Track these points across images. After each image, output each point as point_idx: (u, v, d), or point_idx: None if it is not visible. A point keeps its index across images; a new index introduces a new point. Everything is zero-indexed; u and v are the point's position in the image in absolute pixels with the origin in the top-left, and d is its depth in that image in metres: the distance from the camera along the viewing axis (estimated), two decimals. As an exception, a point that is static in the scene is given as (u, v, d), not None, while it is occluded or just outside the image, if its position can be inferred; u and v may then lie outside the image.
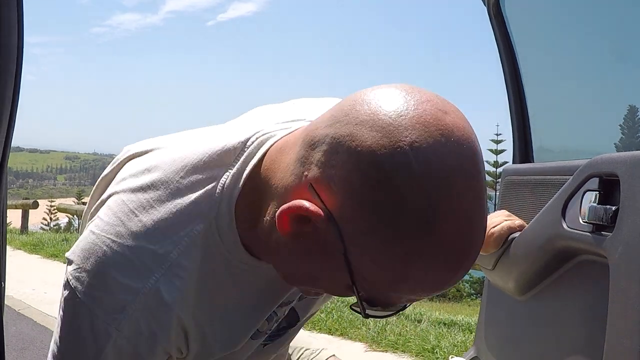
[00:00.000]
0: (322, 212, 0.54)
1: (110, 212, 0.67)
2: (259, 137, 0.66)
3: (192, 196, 0.65)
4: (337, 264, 0.55)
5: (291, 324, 0.86)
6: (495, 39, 1.50)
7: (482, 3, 1.53)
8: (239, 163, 0.65)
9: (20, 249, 7.85)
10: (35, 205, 10.57)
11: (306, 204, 0.54)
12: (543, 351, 1.08)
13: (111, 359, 0.64)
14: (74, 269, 0.66)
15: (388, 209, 0.50)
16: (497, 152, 27.65)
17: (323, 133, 0.55)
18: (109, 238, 0.65)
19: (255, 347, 0.81)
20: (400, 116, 0.52)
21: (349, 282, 0.56)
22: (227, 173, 0.65)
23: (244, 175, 0.64)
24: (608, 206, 0.84)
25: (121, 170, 0.75)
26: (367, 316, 0.61)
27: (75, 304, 0.65)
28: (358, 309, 0.60)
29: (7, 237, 0.90)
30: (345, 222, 0.53)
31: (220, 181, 0.65)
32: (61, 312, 0.67)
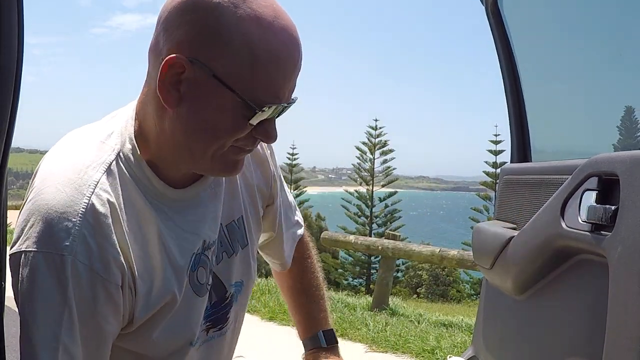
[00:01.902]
0: (181, 61, 0.70)
1: (36, 181, 0.77)
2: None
3: (97, 148, 0.79)
4: (218, 92, 0.71)
5: (221, 297, 0.93)
6: (493, 38, 1.50)
7: (480, 2, 1.53)
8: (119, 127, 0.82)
9: (20, 250, 7.83)
10: (36, 206, 10.55)
11: (167, 65, 0.71)
12: (541, 350, 1.08)
13: (76, 292, 0.70)
14: (20, 238, 0.72)
15: (215, 26, 0.70)
16: (496, 153, 27.66)
17: (154, 38, 0.75)
18: (37, 195, 0.74)
19: (201, 311, 0.87)
20: None
21: (235, 97, 0.71)
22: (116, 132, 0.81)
23: (130, 123, 0.81)
24: (607, 206, 0.84)
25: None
26: (268, 114, 0.74)
27: (26, 261, 0.70)
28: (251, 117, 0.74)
29: (7, 237, 0.90)
30: (199, 55, 0.70)
31: (115, 132, 0.81)
32: (20, 282, 0.71)
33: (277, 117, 0.77)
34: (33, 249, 0.70)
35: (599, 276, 0.87)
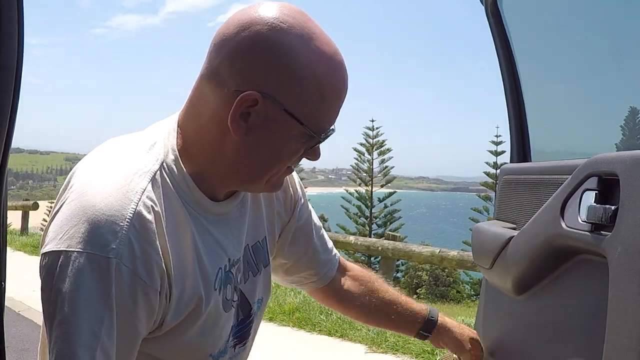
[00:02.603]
0: (255, 97, 0.75)
1: (77, 183, 0.79)
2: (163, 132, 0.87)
3: (142, 157, 0.82)
4: (285, 123, 0.77)
5: (247, 314, 0.98)
6: (493, 38, 1.50)
7: (480, 2, 1.53)
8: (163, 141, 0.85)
9: (20, 250, 7.85)
10: (35, 207, 10.56)
11: (243, 99, 0.75)
12: (541, 351, 1.08)
13: (118, 294, 0.71)
14: (59, 237, 0.72)
15: (287, 62, 0.75)
16: (496, 154, 27.68)
17: (216, 64, 0.77)
18: (81, 197, 0.75)
19: (228, 325, 0.91)
20: (254, 12, 0.77)
21: (301, 127, 0.78)
22: (159, 143, 0.84)
23: (173, 136, 0.84)
24: (607, 206, 0.84)
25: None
26: (324, 139, 0.82)
27: (67, 260, 0.71)
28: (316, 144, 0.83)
29: (7, 238, 0.90)
30: (271, 90, 0.75)
31: (158, 143, 0.84)
32: (58, 280, 0.71)
33: None
34: (77, 249, 0.71)
35: (599, 276, 0.87)
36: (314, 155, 0.84)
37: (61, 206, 0.77)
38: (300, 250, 1.12)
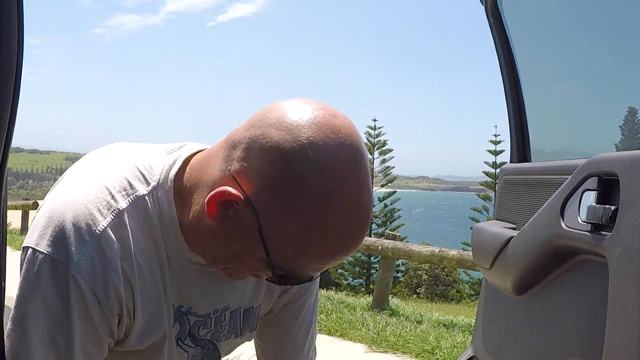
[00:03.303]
0: (241, 196, 0.68)
1: (65, 181, 0.79)
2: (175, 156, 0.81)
3: (136, 174, 0.79)
4: (254, 241, 0.69)
5: None
6: (493, 38, 1.50)
7: (480, 2, 1.53)
8: (167, 167, 0.80)
9: (20, 250, 7.84)
10: (35, 206, 10.56)
11: (229, 189, 0.68)
12: (541, 351, 1.08)
13: (74, 302, 0.71)
14: (35, 234, 0.73)
15: (291, 191, 0.66)
16: (495, 153, 27.68)
17: (242, 135, 0.70)
18: (62, 196, 0.75)
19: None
20: (301, 118, 0.68)
21: (265, 256, 0.70)
22: (160, 173, 0.79)
23: (175, 169, 0.79)
24: (607, 206, 0.84)
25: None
26: (280, 283, 0.75)
27: (35, 259, 0.72)
28: (273, 280, 0.74)
29: (7, 237, 0.91)
30: (259, 203, 0.67)
31: (158, 168, 0.79)
32: (25, 276, 0.73)
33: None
34: (44, 251, 0.72)
35: (599, 276, 0.87)
36: (280, 285, 0.77)
37: (45, 200, 0.79)
38: (280, 336, 1.04)
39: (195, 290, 0.84)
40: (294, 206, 0.66)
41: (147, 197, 0.77)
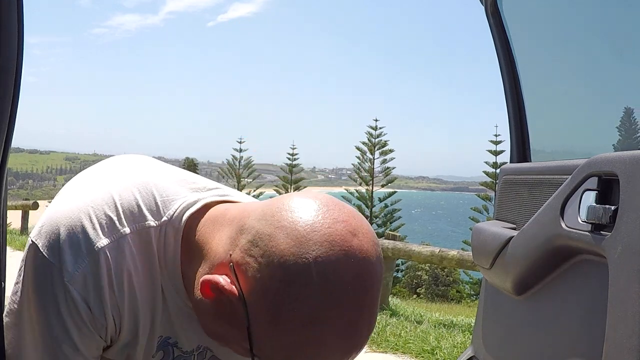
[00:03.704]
0: (236, 292, 0.64)
1: (80, 179, 0.78)
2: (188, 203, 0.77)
3: (152, 201, 0.76)
4: (241, 334, 0.65)
5: None
6: (493, 38, 1.50)
7: (480, 2, 1.53)
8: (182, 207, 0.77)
9: (20, 250, 7.84)
10: (35, 206, 10.56)
11: (223, 281, 0.65)
12: (541, 351, 1.08)
13: (64, 308, 0.70)
14: (42, 230, 0.73)
15: (285, 306, 0.60)
16: (496, 153, 27.68)
17: (251, 224, 0.65)
18: (73, 201, 0.74)
19: None
20: (314, 231, 0.61)
21: (250, 351, 0.65)
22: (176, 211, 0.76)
23: (192, 211, 0.76)
24: (607, 206, 0.84)
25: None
26: None
27: (36, 257, 0.72)
28: None
29: (7, 237, 0.91)
30: (252, 305, 0.63)
31: (177, 202, 0.77)
32: (23, 269, 0.73)
33: None
34: (43, 252, 0.72)
35: (599, 276, 0.87)
36: None
37: (58, 196, 0.78)
38: None
39: (185, 330, 0.82)
40: (284, 323, 0.61)
41: (154, 231, 0.74)
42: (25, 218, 10.53)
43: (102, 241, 0.72)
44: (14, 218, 10.59)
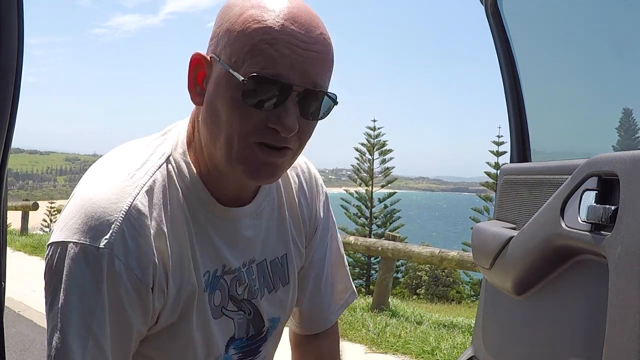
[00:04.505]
0: (198, 56, 0.77)
1: (84, 179, 0.81)
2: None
3: (150, 152, 0.83)
4: (225, 81, 0.73)
5: (258, 330, 0.94)
6: (493, 38, 1.50)
7: (480, 2, 1.53)
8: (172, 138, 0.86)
9: (20, 251, 7.84)
10: (35, 207, 10.56)
11: (191, 65, 0.78)
12: (541, 351, 1.08)
13: (109, 285, 0.72)
14: (59, 229, 0.74)
15: (225, 15, 0.75)
16: (498, 154, 27.67)
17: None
18: (83, 191, 0.77)
19: (221, 334, 0.88)
20: None
21: (237, 80, 0.71)
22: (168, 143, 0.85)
23: (182, 135, 0.85)
24: (607, 206, 0.84)
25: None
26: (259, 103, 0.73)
27: (63, 252, 0.72)
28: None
29: (7, 238, 0.91)
30: (215, 49, 0.76)
31: (171, 136, 0.86)
32: (55, 272, 0.73)
33: (302, 104, 0.74)
34: (72, 240, 0.72)
35: (599, 276, 0.87)
36: (278, 122, 0.73)
37: (68, 201, 0.79)
38: (302, 290, 1.03)
39: (223, 245, 0.86)
40: (230, 26, 0.73)
41: (165, 166, 0.81)
42: (25, 219, 10.53)
43: (127, 199, 0.75)
44: (14, 219, 10.59)
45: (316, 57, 0.73)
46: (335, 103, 0.77)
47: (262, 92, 0.71)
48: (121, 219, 0.73)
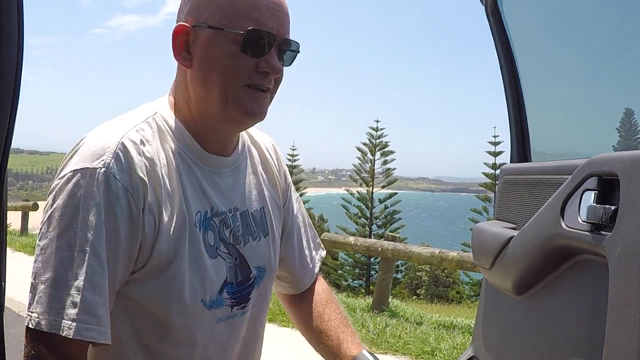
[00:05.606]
0: (182, 26, 0.91)
1: (82, 139, 0.90)
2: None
3: (136, 113, 0.96)
4: (212, 38, 0.88)
5: (246, 277, 1.01)
6: (493, 38, 1.50)
7: (480, 2, 1.53)
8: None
9: (20, 251, 7.84)
10: (35, 207, 10.56)
11: (175, 35, 0.91)
12: (541, 351, 1.08)
13: (104, 199, 0.81)
14: (58, 173, 0.85)
15: None
16: (495, 154, 27.67)
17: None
18: (80, 145, 0.87)
19: (217, 275, 0.95)
20: None
21: (224, 34, 0.88)
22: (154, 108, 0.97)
23: (167, 95, 0.99)
24: (607, 206, 0.84)
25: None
26: (251, 39, 0.88)
27: (60, 183, 0.82)
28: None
29: (7, 238, 0.91)
30: (193, 15, 0.90)
31: (156, 102, 0.99)
32: (53, 200, 0.82)
33: (279, 52, 0.91)
34: (70, 171, 0.83)
35: (599, 276, 0.87)
36: (268, 66, 0.90)
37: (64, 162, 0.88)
38: (291, 246, 1.16)
39: (211, 189, 0.96)
40: None
41: (154, 117, 0.94)
42: (25, 219, 10.53)
43: (123, 131, 0.87)
44: (14, 219, 10.59)
45: (284, 17, 0.92)
46: (298, 52, 0.96)
47: (256, 42, 0.88)
48: (116, 143, 0.85)
